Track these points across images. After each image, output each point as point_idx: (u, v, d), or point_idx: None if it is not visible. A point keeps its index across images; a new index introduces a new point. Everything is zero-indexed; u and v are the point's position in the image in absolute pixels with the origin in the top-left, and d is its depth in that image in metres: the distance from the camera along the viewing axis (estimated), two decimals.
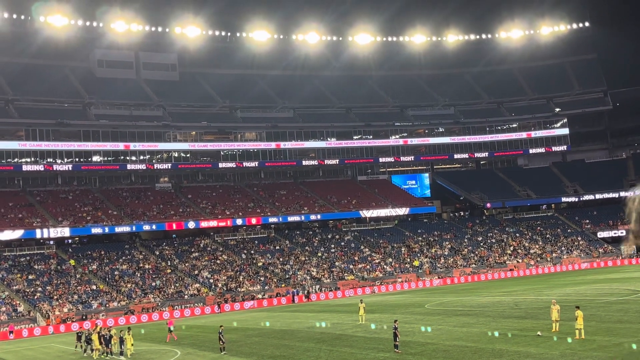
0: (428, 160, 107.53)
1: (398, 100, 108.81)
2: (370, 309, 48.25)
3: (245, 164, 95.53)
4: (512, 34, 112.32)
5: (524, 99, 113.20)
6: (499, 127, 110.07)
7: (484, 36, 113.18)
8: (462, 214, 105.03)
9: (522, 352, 26.45)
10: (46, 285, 67.53)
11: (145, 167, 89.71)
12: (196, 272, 75.42)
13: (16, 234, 72.98)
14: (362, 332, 37.99)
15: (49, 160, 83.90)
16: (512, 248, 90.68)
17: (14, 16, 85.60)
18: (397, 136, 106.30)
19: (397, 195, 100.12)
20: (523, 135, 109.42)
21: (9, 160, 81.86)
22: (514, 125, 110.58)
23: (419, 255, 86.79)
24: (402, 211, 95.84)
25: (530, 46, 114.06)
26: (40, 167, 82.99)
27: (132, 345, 37.56)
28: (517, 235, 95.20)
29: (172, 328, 43.38)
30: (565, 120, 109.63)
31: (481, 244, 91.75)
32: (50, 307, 63.02)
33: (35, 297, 64.89)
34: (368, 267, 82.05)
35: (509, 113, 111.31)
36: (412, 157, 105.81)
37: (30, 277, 68.69)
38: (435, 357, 27.50)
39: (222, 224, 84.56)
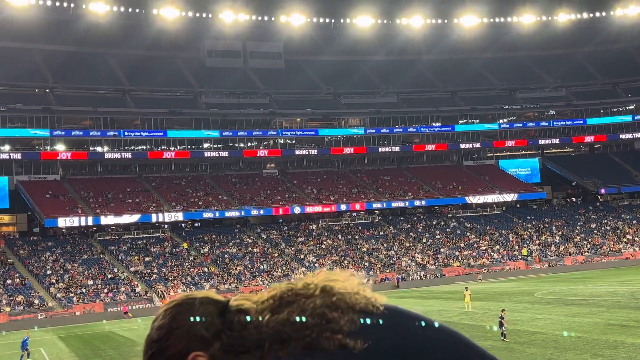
0: (538, 145, 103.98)
1: (505, 83, 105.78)
2: (477, 297, 47.58)
3: (349, 149, 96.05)
4: (628, 11, 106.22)
5: None
6: (615, 109, 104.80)
7: (597, 14, 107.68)
8: (574, 200, 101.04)
9: (639, 345, 25.35)
10: (161, 267, 70.95)
11: (252, 154, 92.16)
12: (302, 256, 76.87)
13: (133, 217, 77.03)
14: (468, 320, 37.58)
15: (162, 147, 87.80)
16: (628, 236, 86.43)
17: (129, 10, 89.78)
18: (505, 120, 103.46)
19: (505, 180, 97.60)
20: None
21: (125, 147, 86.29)
22: (631, 107, 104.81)
23: (527, 242, 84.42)
24: (510, 197, 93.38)
25: None
26: (159, 155, 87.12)
27: None
28: (635, 222, 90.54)
29: None
30: None
31: (594, 231, 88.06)
32: (165, 287, 66.21)
33: (152, 278, 68.33)
34: (474, 254, 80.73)
35: (625, 94, 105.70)
36: (521, 141, 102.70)
37: (147, 259, 72.37)
38: (544, 347, 26.83)
39: (326, 209, 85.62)
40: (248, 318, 1.71)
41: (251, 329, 1.69)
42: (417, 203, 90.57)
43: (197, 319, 1.73)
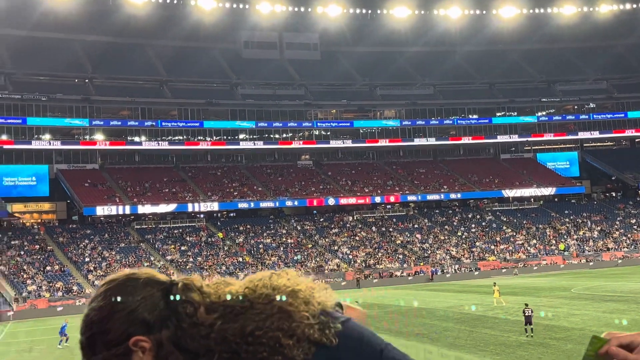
0: (577, 138, 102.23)
1: (544, 75, 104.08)
2: (512, 292, 47.07)
3: (384, 141, 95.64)
4: None
5: None
6: None
7: None
8: (613, 194, 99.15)
9: None
10: (197, 256, 71.74)
11: (287, 145, 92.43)
12: (336, 247, 76.95)
13: (170, 207, 77.97)
14: (503, 314, 37.23)
15: (198, 138, 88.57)
16: None
17: (167, 1, 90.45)
18: (544, 112, 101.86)
19: (543, 174, 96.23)
20: None
21: (162, 137, 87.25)
22: None
23: (565, 237, 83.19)
24: (548, 191, 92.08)
25: None
26: (195, 145, 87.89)
27: None
28: None
29: None
30: None
31: (634, 226, 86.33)
32: (201, 277, 66.77)
33: (187, 267, 69.11)
34: (510, 248, 79.85)
35: None
36: (560, 134, 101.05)
37: (182, 248, 73.23)
38: (582, 344, 26.39)
39: (361, 201, 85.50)
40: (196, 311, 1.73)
41: (202, 329, 1.68)
42: (452, 196, 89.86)
43: (140, 302, 1.71)
